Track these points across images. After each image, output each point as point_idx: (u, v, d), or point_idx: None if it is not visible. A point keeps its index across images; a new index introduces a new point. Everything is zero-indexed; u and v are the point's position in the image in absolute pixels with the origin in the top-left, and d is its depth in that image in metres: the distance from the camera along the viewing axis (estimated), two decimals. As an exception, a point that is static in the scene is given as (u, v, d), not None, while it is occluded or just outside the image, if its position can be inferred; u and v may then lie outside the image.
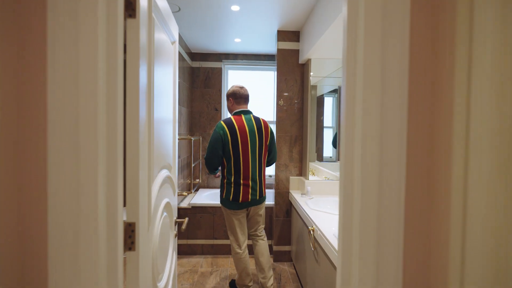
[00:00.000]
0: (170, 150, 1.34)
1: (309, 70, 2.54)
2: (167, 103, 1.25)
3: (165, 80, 1.20)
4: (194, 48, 3.31)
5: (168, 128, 1.29)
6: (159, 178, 1.11)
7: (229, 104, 2.15)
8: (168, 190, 1.29)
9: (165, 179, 1.22)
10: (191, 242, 2.86)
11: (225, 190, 2.04)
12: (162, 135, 1.15)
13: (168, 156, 1.28)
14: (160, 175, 1.13)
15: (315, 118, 2.60)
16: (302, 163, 2.73)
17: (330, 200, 2.34)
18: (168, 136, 1.28)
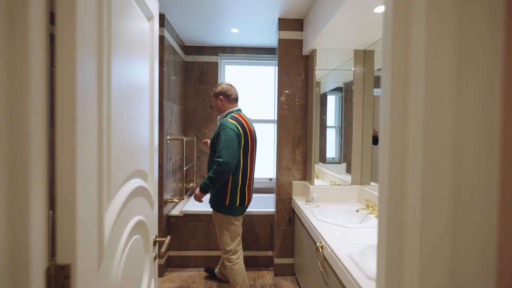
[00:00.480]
0: (146, 154, 1.07)
1: (314, 62, 2.27)
2: (140, 99, 0.98)
3: (135, 72, 0.92)
4: (188, 40, 3.04)
5: (142, 128, 1.02)
6: (123, 191, 0.83)
7: (219, 103, 1.99)
8: (142, 205, 1.02)
9: (136, 191, 0.94)
10: (183, 254, 2.58)
11: (228, 195, 1.88)
12: (130, 138, 0.88)
13: (141, 162, 1.01)
14: (126, 188, 0.86)
15: (319, 116, 2.33)
16: (306, 166, 2.45)
17: (338, 208, 2.07)
18: (142, 138, 1.01)
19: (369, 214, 1.86)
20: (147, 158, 1.08)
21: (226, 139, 1.76)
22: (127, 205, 0.86)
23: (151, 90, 1.12)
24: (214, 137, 1.86)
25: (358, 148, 2.29)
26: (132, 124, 0.91)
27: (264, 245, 2.62)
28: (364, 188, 2.19)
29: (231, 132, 1.79)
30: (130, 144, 0.88)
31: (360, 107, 2.28)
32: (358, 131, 2.29)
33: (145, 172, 1.05)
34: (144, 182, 1.05)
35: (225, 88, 1.97)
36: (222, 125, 1.82)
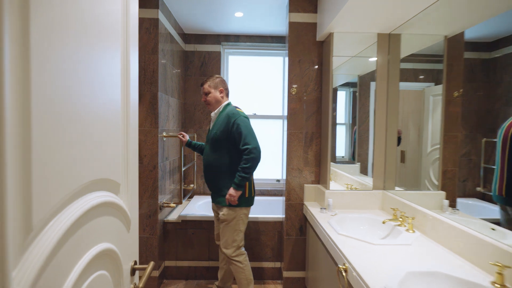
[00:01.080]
0: (117, 156, 0.79)
1: (330, 49, 1.97)
2: (100, 89, 0.70)
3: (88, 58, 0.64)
4: (188, 27, 2.75)
5: (107, 128, 0.73)
6: (69, 214, 0.55)
7: (218, 95, 1.88)
8: (110, 227, 0.74)
9: (98, 209, 0.67)
10: (181, 264, 2.32)
11: (247, 186, 1.84)
12: (84, 133, 0.60)
13: (109, 167, 0.73)
14: (74, 208, 0.58)
15: (331, 111, 2.02)
16: (321, 167, 2.16)
17: (360, 218, 1.77)
18: (106, 140, 0.72)
19: (397, 226, 1.56)
20: (120, 162, 0.80)
21: (246, 126, 1.74)
22: (78, 233, 0.58)
23: (126, 77, 0.83)
24: (224, 129, 1.76)
25: (381, 148, 1.99)
26: (88, 125, 0.63)
27: (272, 256, 2.34)
28: (387, 193, 1.89)
29: (246, 119, 1.79)
30: (83, 142, 0.60)
31: (383, 102, 1.97)
32: (381, 129, 1.98)
33: (115, 182, 0.77)
34: (114, 195, 0.77)
35: (222, 80, 1.93)
36: (235, 114, 1.77)
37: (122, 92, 0.81)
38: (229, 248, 1.81)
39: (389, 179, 1.96)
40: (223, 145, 1.78)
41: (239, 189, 1.74)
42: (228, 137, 1.76)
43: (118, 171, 0.79)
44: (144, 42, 2.05)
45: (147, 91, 2.08)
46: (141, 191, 2.13)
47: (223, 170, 1.80)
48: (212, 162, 1.82)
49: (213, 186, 1.86)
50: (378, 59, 1.96)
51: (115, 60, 0.76)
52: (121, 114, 0.81)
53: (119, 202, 0.78)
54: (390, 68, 1.94)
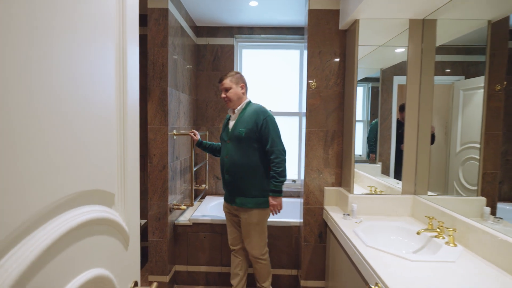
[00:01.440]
0: (111, 165, 0.65)
1: (355, 37, 1.77)
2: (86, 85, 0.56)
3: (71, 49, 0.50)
4: (200, 19, 2.61)
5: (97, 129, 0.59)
6: (44, 235, 0.42)
7: (240, 91, 1.79)
8: (101, 247, 0.61)
9: (86, 228, 0.54)
10: (192, 269, 2.20)
11: None
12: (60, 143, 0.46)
13: (99, 176, 0.59)
14: (52, 227, 0.44)
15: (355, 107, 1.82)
16: (343, 169, 1.98)
17: (389, 227, 1.58)
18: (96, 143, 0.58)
19: (435, 238, 1.37)
20: (114, 169, 0.67)
21: (274, 126, 1.72)
22: (55, 262, 0.45)
23: (120, 72, 0.69)
24: (252, 128, 1.70)
25: (412, 148, 1.78)
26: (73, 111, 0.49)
27: (288, 263, 2.19)
28: (419, 199, 1.69)
29: (274, 119, 1.75)
30: (62, 144, 0.46)
31: (415, 97, 1.77)
32: (412, 127, 1.78)
33: (107, 193, 0.64)
34: (107, 209, 0.63)
35: (242, 76, 1.84)
36: (264, 113, 1.73)
37: (117, 88, 0.67)
38: (259, 250, 1.78)
39: (421, 183, 1.76)
40: (249, 144, 1.71)
41: (279, 195, 1.71)
42: (255, 136, 1.70)
43: (113, 179, 0.66)
44: (153, 34, 1.93)
45: (156, 86, 1.96)
46: (150, 193, 2.02)
47: (250, 170, 1.71)
48: (238, 161, 1.71)
49: (237, 186, 1.74)
50: (410, 49, 1.75)
51: (107, 52, 0.62)
52: (116, 113, 0.67)
53: (113, 216, 0.65)
54: (423, 59, 1.73)
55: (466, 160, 1.52)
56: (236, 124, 1.75)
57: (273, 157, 1.69)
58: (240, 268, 1.88)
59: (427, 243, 1.38)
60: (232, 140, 1.74)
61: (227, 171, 1.76)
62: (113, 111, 0.65)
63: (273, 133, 1.70)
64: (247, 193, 1.72)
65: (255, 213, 1.73)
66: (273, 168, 1.70)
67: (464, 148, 1.54)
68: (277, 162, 1.68)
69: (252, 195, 1.72)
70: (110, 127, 0.64)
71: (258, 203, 1.73)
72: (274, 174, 1.69)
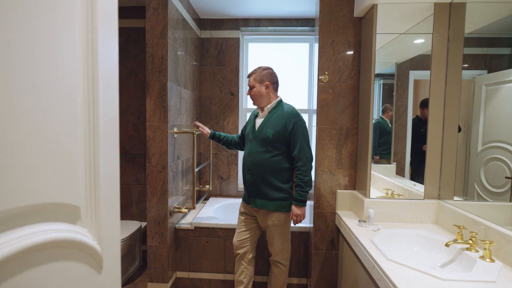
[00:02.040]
0: (75, 171, 0.51)
1: (372, 24, 1.60)
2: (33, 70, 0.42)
3: None
4: (203, 12, 2.47)
5: (52, 125, 0.45)
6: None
7: (264, 91, 1.66)
8: (59, 278, 0.47)
9: (35, 254, 0.40)
10: (194, 276, 2.07)
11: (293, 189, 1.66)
12: None
13: (57, 188, 0.45)
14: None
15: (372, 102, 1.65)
16: (357, 170, 1.81)
17: (411, 236, 1.41)
18: (49, 142, 0.44)
19: (467, 251, 1.19)
20: (80, 175, 0.52)
21: (304, 132, 1.62)
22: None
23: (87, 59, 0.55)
24: (281, 130, 1.60)
25: (436, 148, 1.60)
26: None
27: (297, 270, 2.03)
28: (445, 205, 1.51)
29: (305, 124, 1.64)
30: None
31: (440, 92, 1.59)
32: (436, 124, 1.60)
33: (69, 207, 0.50)
34: (69, 226, 0.50)
35: (270, 72, 1.69)
36: (296, 116, 1.61)
37: (83, 76, 0.52)
38: (281, 254, 1.71)
39: (446, 187, 1.58)
40: (275, 147, 1.62)
41: (303, 205, 1.60)
42: (283, 139, 1.61)
43: (76, 188, 0.51)
44: (152, 24, 1.79)
45: (155, 80, 1.83)
46: (149, 195, 1.89)
47: (273, 172, 1.62)
48: (261, 162, 1.62)
49: (258, 188, 1.64)
50: (434, 37, 1.57)
51: (66, 35, 0.48)
52: (82, 106, 0.52)
53: (77, 235, 0.51)
54: (450, 48, 1.55)
55: (489, 160, 1.39)
56: (264, 124, 1.65)
57: (299, 165, 1.59)
58: (244, 276, 1.74)
59: (457, 257, 1.21)
60: (258, 140, 1.65)
61: (249, 170, 1.67)
62: (76, 105, 0.51)
63: (302, 139, 1.60)
64: (268, 196, 1.64)
65: (276, 215, 1.65)
66: (299, 176, 1.59)
67: (486, 148, 1.41)
68: (303, 170, 1.58)
69: (273, 197, 1.63)
70: (73, 125, 0.50)
71: (280, 206, 1.64)
72: (300, 183, 1.58)
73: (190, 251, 2.06)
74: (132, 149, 2.48)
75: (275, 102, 1.68)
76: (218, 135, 1.94)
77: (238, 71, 2.62)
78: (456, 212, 1.42)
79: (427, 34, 1.60)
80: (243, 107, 2.74)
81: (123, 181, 2.49)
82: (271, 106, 1.67)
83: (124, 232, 2.14)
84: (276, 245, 1.69)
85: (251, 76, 1.69)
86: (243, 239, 1.74)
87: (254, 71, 1.69)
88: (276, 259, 1.73)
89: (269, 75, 1.68)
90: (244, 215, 1.76)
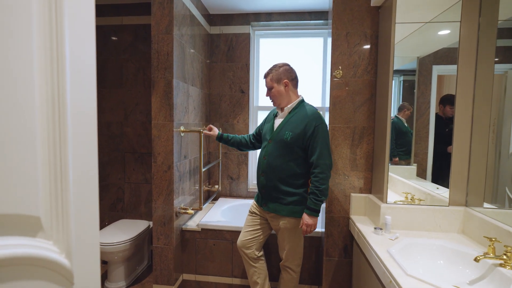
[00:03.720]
0: (33, 176, 0.44)
1: (392, 13, 1.46)
2: None
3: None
4: (213, 7, 2.40)
5: None
6: None
7: (283, 90, 1.55)
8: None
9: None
10: (201, 279, 2.01)
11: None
12: None
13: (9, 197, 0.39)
14: None
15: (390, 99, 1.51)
16: (373, 172, 1.67)
17: (433, 247, 1.27)
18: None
19: (500, 267, 1.04)
20: (39, 180, 0.45)
21: (325, 137, 1.49)
22: None
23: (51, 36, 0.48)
24: (301, 133, 1.48)
25: (463, 149, 1.45)
26: None
27: (307, 277, 1.93)
28: (473, 212, 1.36)
29: (327, 128, 1.54)
30: None
31: (468, 87, 1.42)
32: (464, 123, 1.44)
33: (29, 218, 0.43)
34: (27, 240, 0.43)
35: (287, 69, 1.57)
36: (317, 118, 1.49)
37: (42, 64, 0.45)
38: (293, 260, 1.62)
39: (474, 192, 1.42)
40: (293, 150, 1.52)
41: (316, 215, 1.48)
42: (302, 143, 1.50)
43: (35, 197, 0.44)
44: (157, 19, 1.74)
45: (160, 78, 1.77)
46: (154, 195, 1.84)
47: (288, 176, 1.52)
48: (277, 165, 1.53)
49: (272, 191, 1.56)
50: (463, 26, 1.41)
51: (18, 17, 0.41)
52: (41, 100, 0.45)
53: (36, 251, 0.44)
54: (481, 39, 1.38)
55: (523, 163, 1.23)
56: (283, 125, 1.55)
57: (317, 171, 1.46)
58: (257, 276, 1.66)
59: (488, 274, 1.06)
60: (275, 142, 1.55)
61: (263, 173, 1.58)
62: (33, 94, 0.44)
63: (322, 144, 1.48)
64: (281, 200, 1.55)
65: (288, 220, 1.55)
66: (315, 183, 1.47)
67: (520, 149, 1.25)
68: (321, 177, 1.46)
69: (287, 202, 1.54)
70: (26, 118, 0.43)
71: (293, 212, 1.54)
72: (316, 190, 1.46)
73: (197, 254, 2.00)
74: (141, 148, 2.45)
75: (296, 102, 1.56)
76: (226, 136, 1.84)
77: (249, 68, 2.53)
78: (486, 221, 1.26)
79: (453, 24, 1.44)
80: (253, 105, 2.65)
81: (132, 180, 2.47)
82: (292, 106, 1.56)
83: (132, 231, 2.12)
84: (287, 249, 1.60)
85: (267, 76, 1.58)
86: (249, 239, 1.65)
87: (270, 70, 1.58)
88: (287, 265, 1.63)
89: (286, 72, 1.56)
90: (254, 215, 1.69)
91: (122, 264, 2.07)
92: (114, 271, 2.06)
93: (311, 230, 1.49)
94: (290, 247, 1.59)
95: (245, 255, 1.66)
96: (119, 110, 2.44)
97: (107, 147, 2.48)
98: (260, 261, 1.67)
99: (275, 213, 1.57)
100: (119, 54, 2.41)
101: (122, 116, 2.44)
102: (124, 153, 2.47)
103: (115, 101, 2.44)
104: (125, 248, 1.98)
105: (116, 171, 2.48)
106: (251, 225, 1.68)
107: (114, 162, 2.48)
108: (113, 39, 2.40)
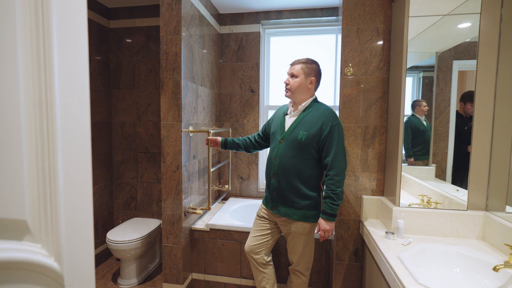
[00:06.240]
0: (17, 176, 0.44)
1: (405, 7, 1.39)
2: None
3: None
4: (222, 6, 2.40)
5: None
6: None
7: (306, 85, 1.48)
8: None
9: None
10: (210, 279, 2.02)
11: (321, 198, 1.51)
12: None
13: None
14: None
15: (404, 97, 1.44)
16: (386, 174, 1.61)
17: (449, 254, 1.20)
18: None
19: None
20: (25, 181, 0.46)
21: (341, 138, 1.44)
22: None
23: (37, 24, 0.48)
24: (316, 133, 1.42)
25: (483, 149, 1.36)
26: None
27: (317, 281, 1.88)
28: (494, 217, 1.27)
29: (342, 128, 1.48)
30: None
31: (489, 83, 1.33)
32: (484, 121, 1.35)
33: (14, 222, 0.43)
34: (14, 244, 0.43)
35: (319, 69, 1.52)
36: (333, 118, 1.44)
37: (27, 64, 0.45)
38: (303, 265, 1.57)
39: (496, 195, 1.32)
40: (307, 151, 1.45)
41: (333, 219, 1.43)
42: (316, 144, 1.44)
43: (21, 200, 0.45)
44: (166, 20, 1.75)
45: (169, 78, 1.79)
46: (164, 194, 1.86)
47: (301, 179, 1.46)
48: (289, 167, 1.47)
49: (283, 194, 1.50)
50: (483, 18, 1.31)
51: None
52: (27, 100, 0.45)
53: (23, 255, 0.44)
54: (503, 31, 1.29)
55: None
56: (296, 124, 1.48)
57: (332, 173, 1.41)
58: (266, 282, 1.62)
59: (509, 285, 0.99)
60: (287, 142, 1.48)
61: (274, 174, 1.51)
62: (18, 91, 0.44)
63: (338, 145, 1.42)
64: (294, 204, 1.49)
65: (300, 225, 1.50)
66: (330, 187, 1.41)
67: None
68: (336, 180, 1.40)
69: (299, 206, 1.48)
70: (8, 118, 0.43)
71: (305, 216, 1.48)
72: (332, 194, 1.41)
73: (206, 253, 2.01)
74: (153, 148, 2.49)
75: (310, 100, 1.50)
76: (231, 141, 1.79)
77: (259, 67, 2.51)
78: (508, 227, 1.18)
79: (473, 16, 1.35)
80: (264, 104, 2.63)
81: (144, 179, 2.52)
82: (306, 105, 1.49)
83: (143, 230, 2.16)
84: (298, 254, 1.54)
85: (298, 64, 1.49)
86: (257, 244, 1.61)
87: (302, 59, 1.50)
88: (297, 269, 1.58)
89: (318, 72, 1.51)
90: (262, 219, 1.63)
91: (134, 261, 2.11)
92: (126, 268, 2.10)
93: (328, 236, 1.44)
94: (302, 252, 1.54)
95: (253, 260, 1.63)
96: (132, 111, 2.49)
97: (120, 147, 2.54)
98: (269, 266, 1.64)
99: (286, 217, 1.51)
100: (132, 55, 2.45)
101: (135, 117, 2.49)
102: (137, 153, 2.52)
103: (129, 101, 2.49)
104: (136, 246, 2.02)
105: (129, 170, 2.54)
106: (260, 229, 1.63)
107: (128, 161, 2.53)
108: (127, 41, 2.45)
